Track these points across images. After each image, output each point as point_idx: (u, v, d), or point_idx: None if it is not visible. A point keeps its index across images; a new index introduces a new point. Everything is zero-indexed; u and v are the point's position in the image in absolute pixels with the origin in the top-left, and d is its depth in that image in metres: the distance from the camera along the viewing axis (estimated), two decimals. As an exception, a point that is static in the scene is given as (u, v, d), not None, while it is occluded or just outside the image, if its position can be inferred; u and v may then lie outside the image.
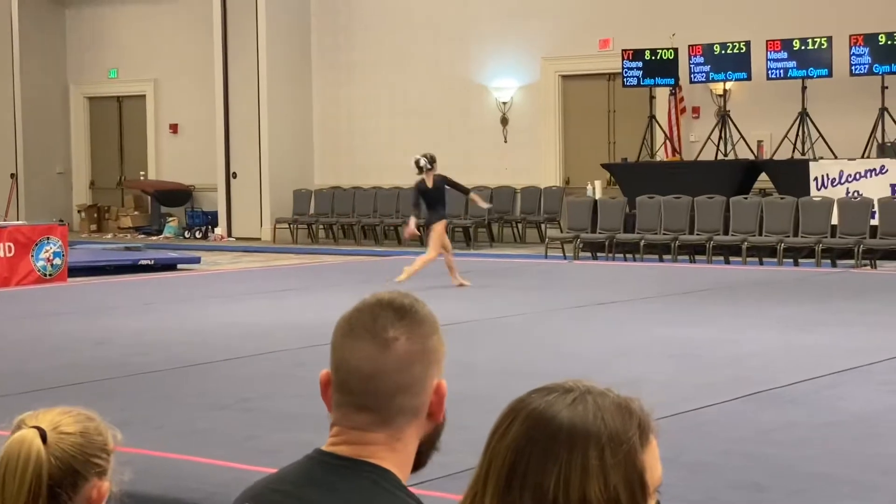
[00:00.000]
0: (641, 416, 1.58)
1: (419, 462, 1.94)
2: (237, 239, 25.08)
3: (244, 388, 8.53)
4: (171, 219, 26.54)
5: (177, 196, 26.58)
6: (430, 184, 15.01)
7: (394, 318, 1.89)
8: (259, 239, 24.89)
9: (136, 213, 27.32)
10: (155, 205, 26.84)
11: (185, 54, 26.57)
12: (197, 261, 19.83)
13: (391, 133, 24.57)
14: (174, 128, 27.30)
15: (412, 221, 15.62)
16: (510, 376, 8.24)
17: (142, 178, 27.44)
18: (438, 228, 14.91)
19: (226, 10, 25.22)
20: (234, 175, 25.38)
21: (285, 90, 25.06)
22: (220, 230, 25.52)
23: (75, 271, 17.45)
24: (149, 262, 19.23)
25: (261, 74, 24.85)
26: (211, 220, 25.96)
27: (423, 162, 15.07)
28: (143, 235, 26.28)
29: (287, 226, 24.35)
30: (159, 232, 26.36)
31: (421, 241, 15.33)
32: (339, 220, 24.11)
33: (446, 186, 15.15)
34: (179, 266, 19.49)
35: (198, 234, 25.75)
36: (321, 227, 24.42)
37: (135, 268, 18.75)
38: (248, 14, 24.87)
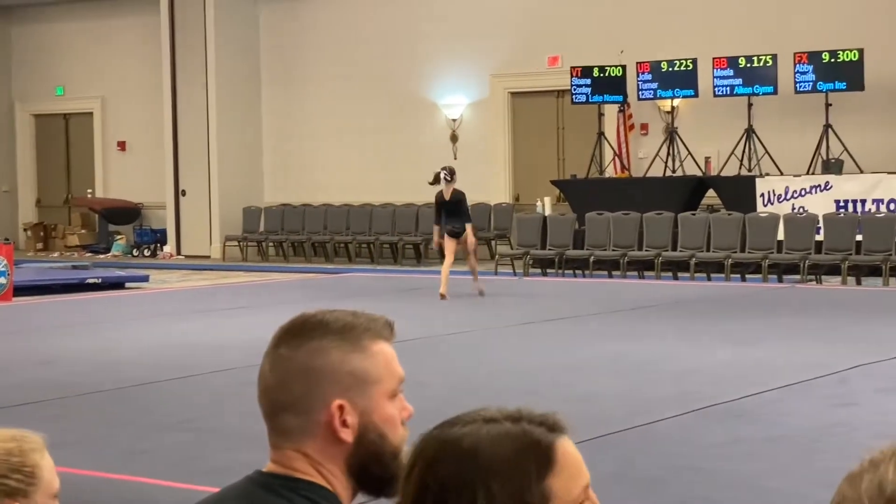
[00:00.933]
0: (542, 443, 1.54)
1: (374, 490, 1.90)
2: (186, 257, 24.93)
3: (190, 408, 8.47)
4: (119, 237, 26.34)
5: (125, 214, 26.40)
6: (447, 196, 15.73)
7: (289, 336, 1.87)
8: (208, 257, 24.74)
9: (83, 231, 27.09)
10: (102, 223, 26.63)
11: (132, 72, 26.42)
12: (145, 279, 19.69)
13: (341, 150, 24.54)
14: (122, 145, 27.12)
15: (436, 232, 16.28)
16: (460, 393, 8.23)
17: (89, 195, 27.22)
18: (462, 238, 15.69)
19: (174, 27, 25.12)
20: (184, 192, 25.25)
21: (235, 107, 24.97)
22: (168, 248, 25.36)
23: (20, 290, 17.27)
24: (96, 280, 19.05)
25: (210, 92, 24.76)
26: (160, 237, 25.79)
27: (443, 174, 15.79)
28: (90, 254, 26.07)
29: (237, 243, 24.24)
30: (107, 250, 26.15)
31: (442, 252, 16.11)
32: (289, 237, 24.03)
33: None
34: (127, 285, 19.33)
35: (146, 253, 25.58)
36: (271, 244, 24.33)
37: (82, 287, 18.57)
38: (196, 31, 24.78)
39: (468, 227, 15.84)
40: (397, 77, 23.78)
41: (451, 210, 15.71)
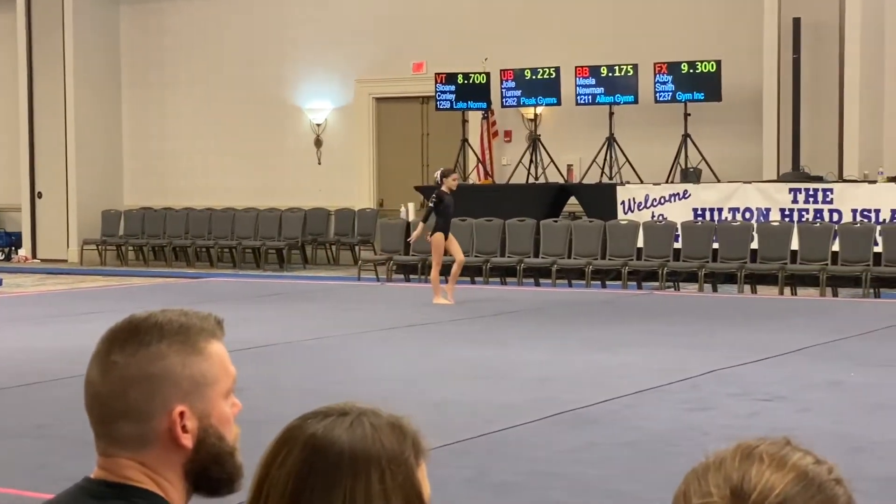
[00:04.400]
0: (414, 435, 1.56)
1: (208, 489, 1.87)
2: (42, 261, 24.38)
3: (41, 415, 8.27)
4: (-28, 240, 25.67)
5: (-21, 216, 25.73)
6: (436, 196, 15.67)
7: (122, 341, 1.81)
8: (66, 261, 24.23)
9: (-65, 233, 26.34)
10: (-45, 225, 25.94)
11: (-12, 70, 25.77)
12: (-1, 283, 19.21)
13: (204, 154, 24.26)
14: (-24, 146, 26.43)
15: (420, 229, 16.15)
16: (317, 399, 8.15)
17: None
18: (434, 239, 15.65)
19: (31, 25, 24.56)
20: (40, 195, 24.69)
21: (94, 109, 24.51)
22: (24, 251, 24.77)
23: None
24: (-53, 284, 18.52)
25: (68, 92, 24.26)
26: (15, 241, 25.18)
27: (437, 174, 15.93)
28: (-58, 257, 25.36)
29: (95, 247, 23.77)
30: (-40, 253, 25.47)
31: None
32: (149, 241, 23.65)
33: (442, 196, 15.54)
34: (-20, 288, 18.84)
35: (0, 256, 24.96)
36: (131, 248, 23.92)
37: (-68, 290, 18.05)
38: (54, 30, 24.27)
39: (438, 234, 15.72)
40: (261, 81, 23.60)
41: (437, 210, 15.61)
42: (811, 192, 17.75)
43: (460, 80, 20.87)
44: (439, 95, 20.96)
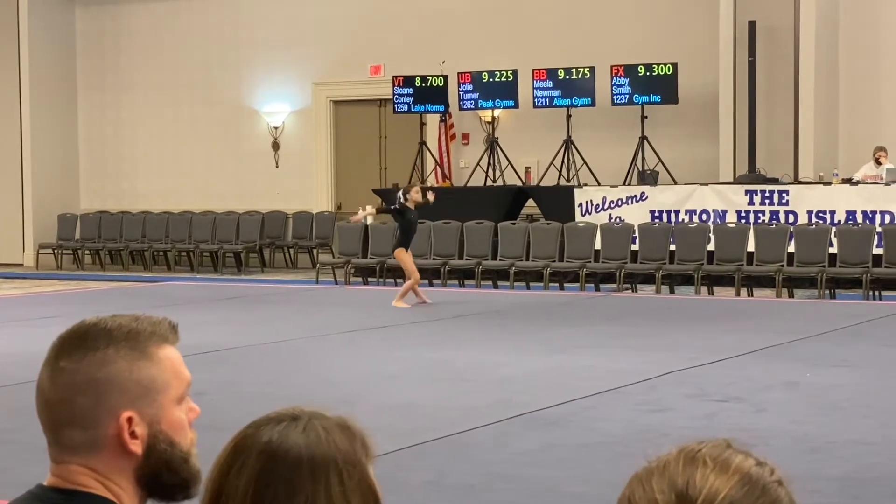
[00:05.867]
0: (362, 435, 1.57)
1: (166, 496, 1.86)
2: (-3, 265, 24.21)
3: (-3, 420, 8.20)
4: (-74, 244, 25.42)
5: (-67, 220, 25.48)
6: (398, 207, 15.72)
7: (70, 347, 1.80)
8: (21, 265, 24.06)
9: None
10: None
11: (-59, 73, 25.54)
12: (-47, 288, 19.05)
13: (161, 157, 24.15)
14: (-70, 149, 26.19)
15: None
16: (277, 403, 8.12)
17: None
18: (397, 254, 15.83)
19: (-15, 28, 24.38)
20: (-5, 199, 24.50)
21: (49, 112, 24.34)
22: (-21, 256, 24.59)
23: None
24: None
25: (23, 95, 24.08)
26: (-31, 245, 24.98)
27: (399, 194, 15.91)
28: None
29: (51, 251, 23.60)
30: (-87, 258, 25.22)
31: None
32: (106, 245, 23.50)
33: (404, 210, 15.61)
34: (-66, 293, 18.66)
35: (-45, 260, 24.75)
36: (87, 252, 23.77)
37: None
38: (8, 33, 24.08)
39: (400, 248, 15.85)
40: (219, 84, 23.52)
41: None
42: (767, 194, 17.89)
43: (418, 82, 20.88)
44: (397, 98, 20.96)
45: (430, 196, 16.06)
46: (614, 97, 19.61)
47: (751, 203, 17.95)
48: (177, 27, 23.91)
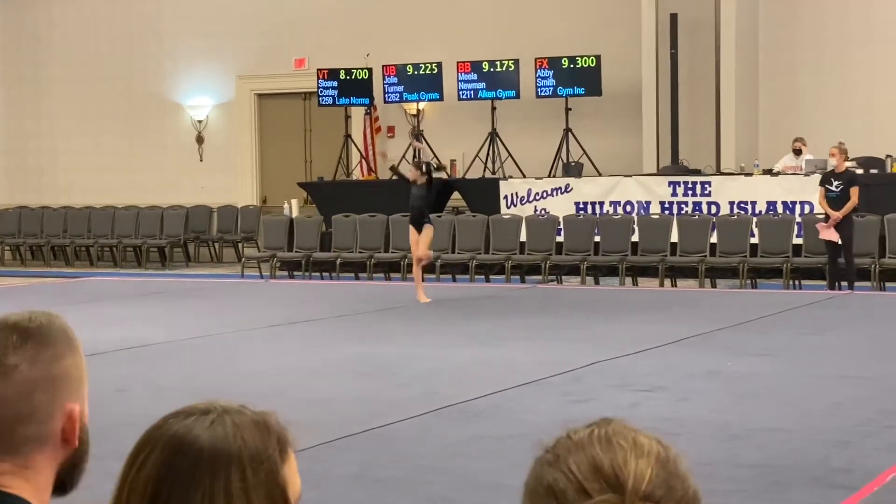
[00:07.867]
0: (279, 432, 1.56)
1: (67, 483, 1.86)
2: (-85, 262, 23.79)
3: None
4: None
5: None
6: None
7: (17, 343, 1.79)
8: (-60, 261, 23.68)
9: None
10: None
11: None
12: None
13: (83, 151, 23.87)
14: None
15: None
16: (200, 398, 8.09)
17: None
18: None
19: None
20: (-88, 194, 24.07)
21: (-33, 105, 23.97)
22: None
23: None
24: None
25: (-60, 89, 23.71)
26: None
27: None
28: None
29: (-30, 247, 23.26)
30: None
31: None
32: (26, 240, 23.19)
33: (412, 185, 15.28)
34: None
35: None
36: (7, 248, 23.44)
37: None
38: (-75, 25, 23.68)
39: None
40: (140, 77, 23.30)
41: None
42: (690, 185, 18.06)
43: (342, 75, 20.83)
44: (321, 91, 20.90)
45: (439, 173, 15.60)
46: (538, 89, 19.70)
47: (674, 194, 18.12)
48: (98, 19, 23.64)
